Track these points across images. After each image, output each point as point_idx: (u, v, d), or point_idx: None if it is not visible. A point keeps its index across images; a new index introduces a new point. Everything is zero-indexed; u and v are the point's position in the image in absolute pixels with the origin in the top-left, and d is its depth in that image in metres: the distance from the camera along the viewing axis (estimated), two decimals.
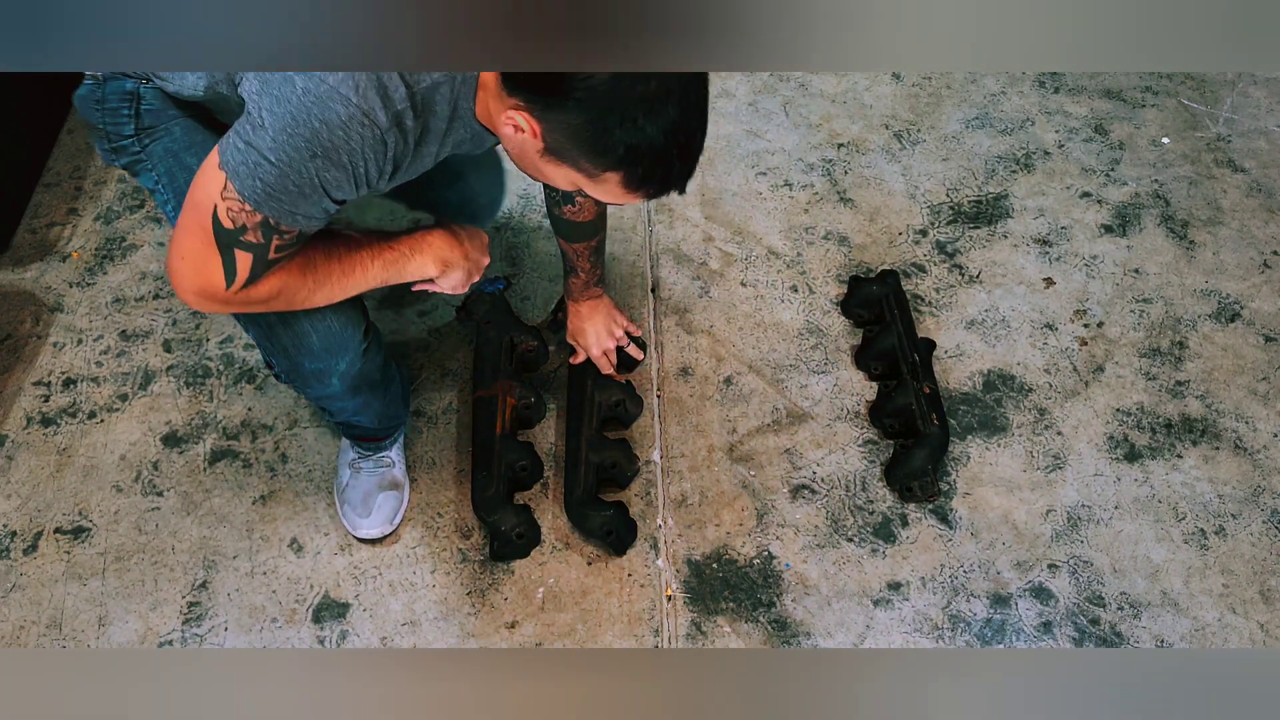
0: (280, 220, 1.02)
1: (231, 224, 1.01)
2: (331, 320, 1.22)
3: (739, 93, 2.35)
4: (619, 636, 1.47)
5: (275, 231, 1.03)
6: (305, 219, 1.04)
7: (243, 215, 1.01)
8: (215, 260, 1.03)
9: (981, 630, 1.48)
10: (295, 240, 1.06)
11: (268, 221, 1.02)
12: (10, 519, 1.59)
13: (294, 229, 1.04)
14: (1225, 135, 2.25)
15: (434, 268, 1.24)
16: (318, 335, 1.22)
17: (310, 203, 1.02)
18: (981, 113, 2.31)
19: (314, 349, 1.23)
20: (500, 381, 1.67)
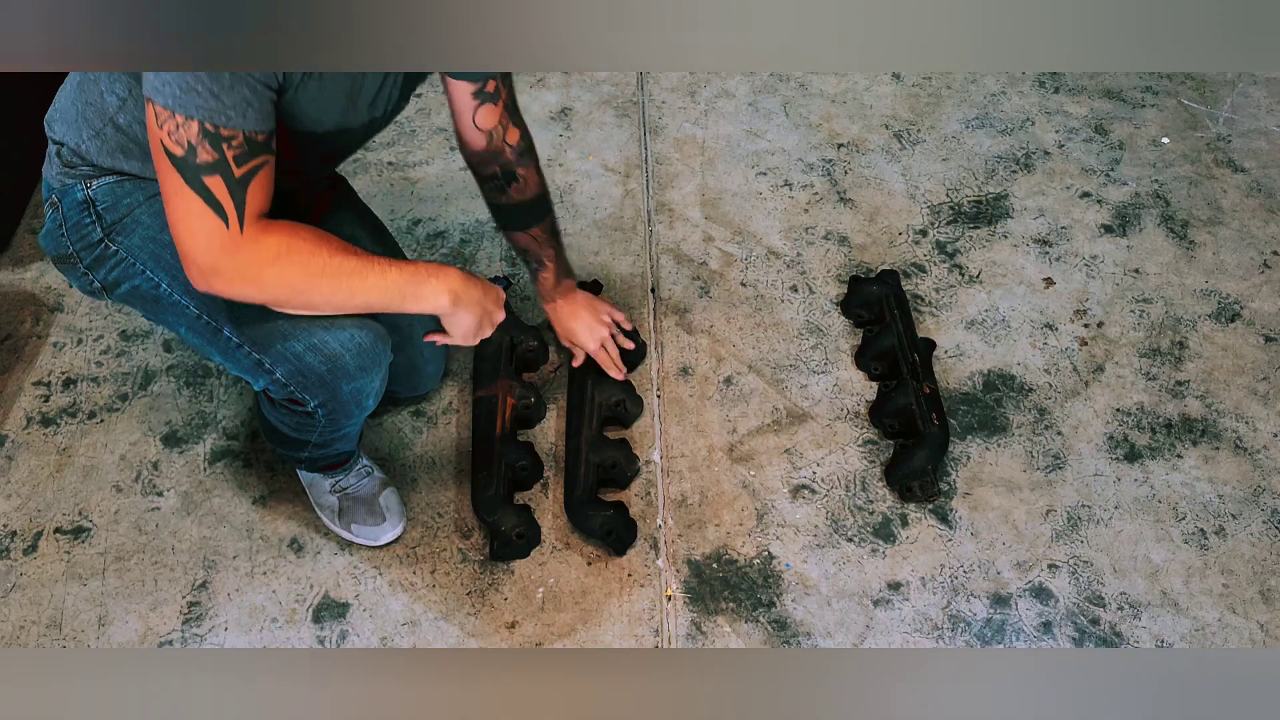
0: (216, 121, 0.98)
1: (180, 148, 0.98)
2: (361, 338, 1.20)
3: (739, 93, 2.35)
4: (619, 636, 1.47)
5: (220, 139, 0.99)
6: (238, 113, 0.99)
7: (181, 132, 0.98)
8: (197, 203, 1.00)
9: (981, 630, 1.48)
10: (249, 148, 1.01)
11: (205, 128, 0.98)
12: (10, 519, 1.59)
13: (235, 130, 0.99)
14: (1225, 135, 2.25)
15: (446, 298, 1.18)
16: (350, 355, 1.20)
17: (228, 88, 0.97)
18: (981, 113, 2.31)
19: (349, 369, 1.21)
20: (500, 381, 1.67)
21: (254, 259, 1.04)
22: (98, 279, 1.26)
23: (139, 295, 1.25)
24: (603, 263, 1.97)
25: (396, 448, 1.68)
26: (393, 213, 2.06)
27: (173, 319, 1.25)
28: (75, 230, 1.23)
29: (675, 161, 2.19)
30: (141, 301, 1.26)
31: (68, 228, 1.24)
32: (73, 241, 1.24)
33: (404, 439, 1.69)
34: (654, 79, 2.39)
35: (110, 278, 1.25)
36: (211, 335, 1.22)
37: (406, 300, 1.15)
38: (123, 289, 1.26)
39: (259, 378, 1.23)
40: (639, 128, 2.27)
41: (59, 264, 1.30)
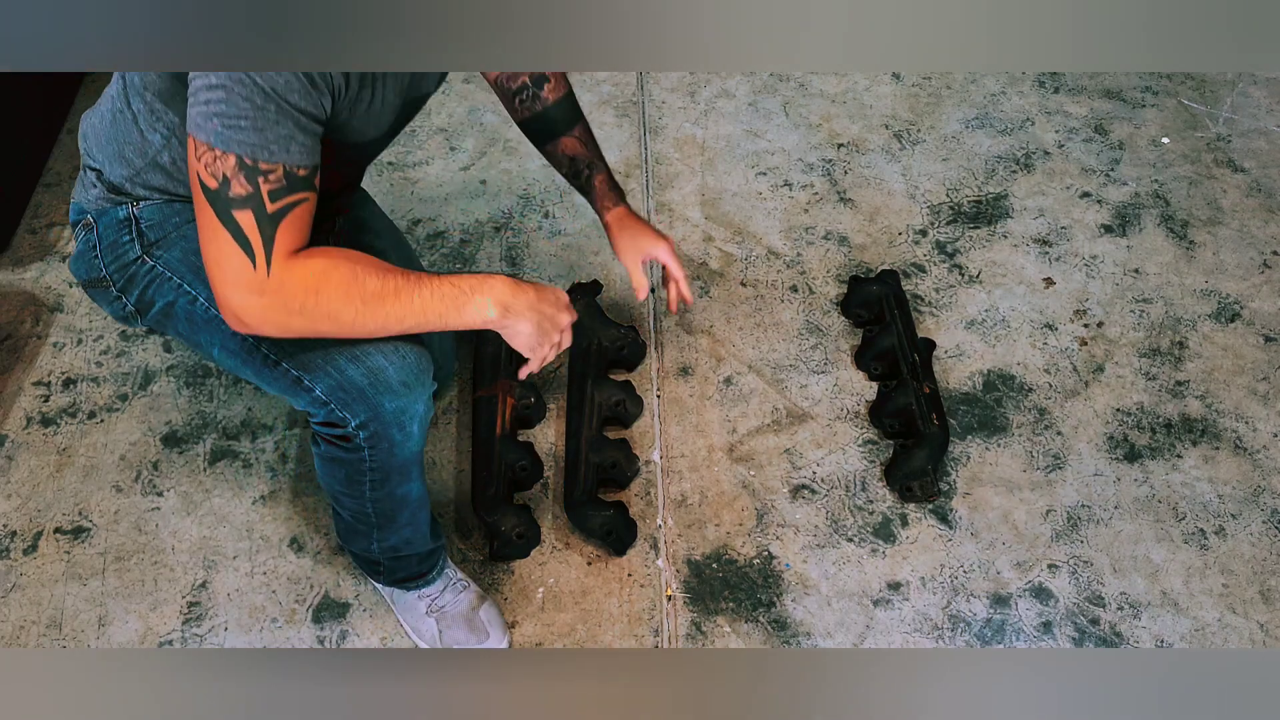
0: (255, 156, 0.95)
1: (214, 180, 0.96)
2: (406, 351, 1.14)
3: (739, 93, 2.35)
4: (619, 636, 1.47)
5: (258, 173, 0.96)
6: (280, 147, 0.96)
7: (217, 164, 0.95)
8: (226, 238, 0.97)
9: (981, 630, 1.48)
10: (287, 183, 0.98)
11: (242, 161, 0.95)
12: (10, 519, 1.59)
13: (274, 164, 0.97)
14: (1225, 135, 2.25)
15: (495, 310, 1.12)
16: (394, 368, 1.13)
17: (274, 122, 0.95)
18: (981, 113, 2.31)
19: (392, 384, 1.13)
20: (500, 381, 1.67)
21: (279, 302, 1.00)
22: (131, 301, 1.23)
23: (173, 315, 1.21)
24: (603, 262, 1.97)
25: None
26: (392, 213, 2.06)
27: (207, 337, 1.20)
28: (111, 250, 1.21)
29: (675, 161, 2.19)
30: (175, 322, 1.22)
31: (103, 248, 1.21)
32: (107, 263, 1.22)
33: None
34: (654, 79, 2.39)
35: (146, 298, 1.22)
36: (248, 353, 1.17)
37: (452, 317, 1.10)
38: (157, 308, 1.22)
39: (299, 395, 1.16)
40: (639, 128, 2.27)
41: (89, 289, 1.26)
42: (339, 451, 1.21)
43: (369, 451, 1.19)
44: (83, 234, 1.24)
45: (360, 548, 1.38)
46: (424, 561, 1.40)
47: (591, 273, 1.95)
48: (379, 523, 1.31)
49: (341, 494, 1.28)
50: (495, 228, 2.03)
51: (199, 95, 0.95)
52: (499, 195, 2.12)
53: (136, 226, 1.20)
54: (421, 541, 1.37)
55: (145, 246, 1.20)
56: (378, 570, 1.40)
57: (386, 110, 1.14)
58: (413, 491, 1.29)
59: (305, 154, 0.99)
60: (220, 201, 0.97)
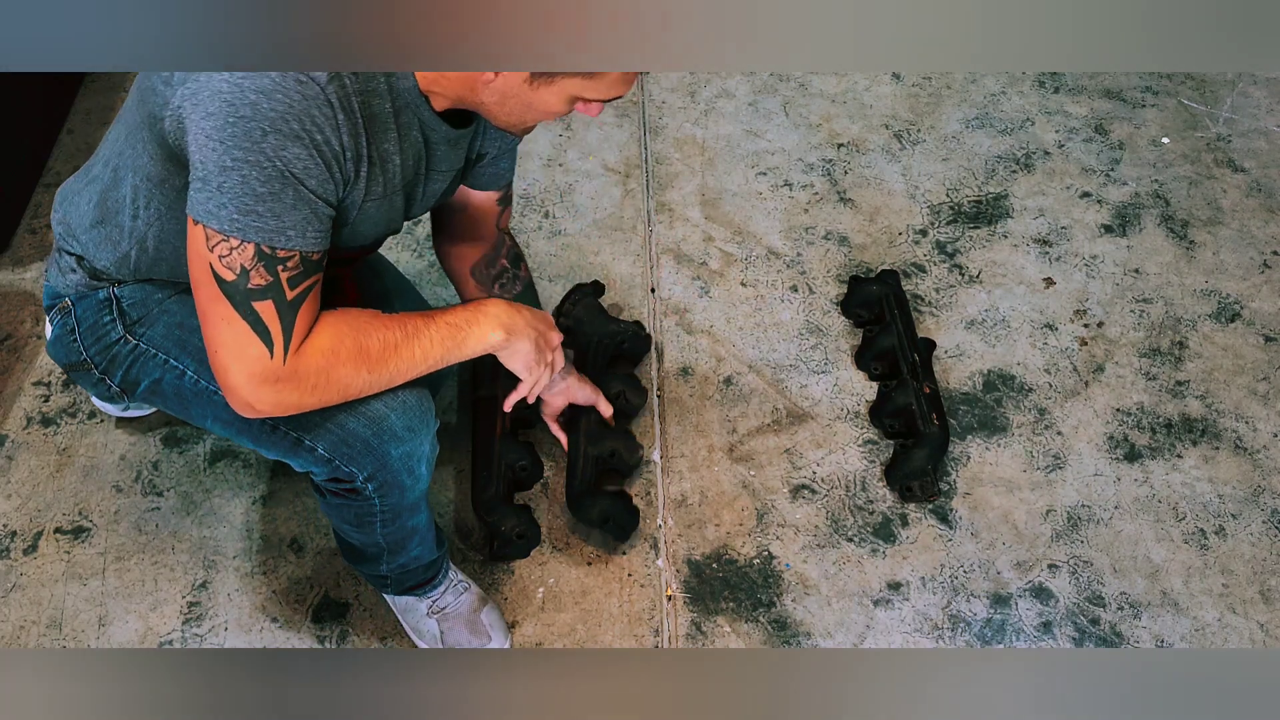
0: (273, 243, 0.94)
1: (231, 272, 0.94)
2: (405, 396, 1.13)
3: (739, 93, 2.35)
4: (619, 636, 1.47)
5: (276, 261, 0.94)
6: (297, 232, 0.95)
7: (235, 255, 0.93)
8: (243, 328, 0.95)
9: (981, 630, 1.48)
10: (304, 269, 0.97)
11: (261, 250, 0.93)
12: (10, 519, 1.59)
13: (292, 250, 0.95)
14: (1225, 135, 2.25)
15: (499, 333, 1.13)
16: (396, 415, 1.12)
17: (291, 207, 0.93)
18: (981, 113, 2.31)
19: (397, 430, 1.12)
20: (500, 381, 1.67)
21: (293, 387, 0.99)
22: (115, 382, 1.20)
23: (161, 392, 1.19)
24: (603, 263, 1.97)
25: None
26: None
27: (199, 410, 1.18)
28: (91, 333, 1.18)
29: (675, 161, 2.19)
30: (165, 398, 1.20)
31: (82, 331, 1.19)
32: (87, 345, 1.19)
33: None
34: (654, 79, 2.39)
35: (130, 377, 1.19)
36: (244, 422, 1.13)
37: (455, 354, 1.11)
38: (143, 387, 1.19)
39: (299, 456, 1.14)
40: (639, 128, 2.27)
41: (70, 372, 1.23)
42: (346, 500, 1.20)
43: (379, 500, 1.18)
44: (59, 318, 1.21)
45: (369, 570, 1.38)
46: (429, 569, 1.39)
47: (591, 273, 1.95)
48: (390, 548, 1.30)
49: (351, 529, 1.28)
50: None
51: (209, 180, 0.91)
52: None
53: (118, 306, 1.17)
54: (429, 553, 1.37)
55: (127, 325, 1.17)
56: (384, 583, 1.40)
57: (391, 215, 1.13)
58: (423, 521, 1.30)
59: (320, 239, 0.98)
60: (239, 294, 0.94)
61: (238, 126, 0.89)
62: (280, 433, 1.12)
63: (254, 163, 0.90)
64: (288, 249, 0.95)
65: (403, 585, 1.40)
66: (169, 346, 1.17)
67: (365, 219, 1.08)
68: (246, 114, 0.88)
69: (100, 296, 1.18)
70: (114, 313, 1.17)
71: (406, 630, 1.45)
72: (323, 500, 1.24)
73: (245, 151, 0.89)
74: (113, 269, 1.17)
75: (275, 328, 0.96)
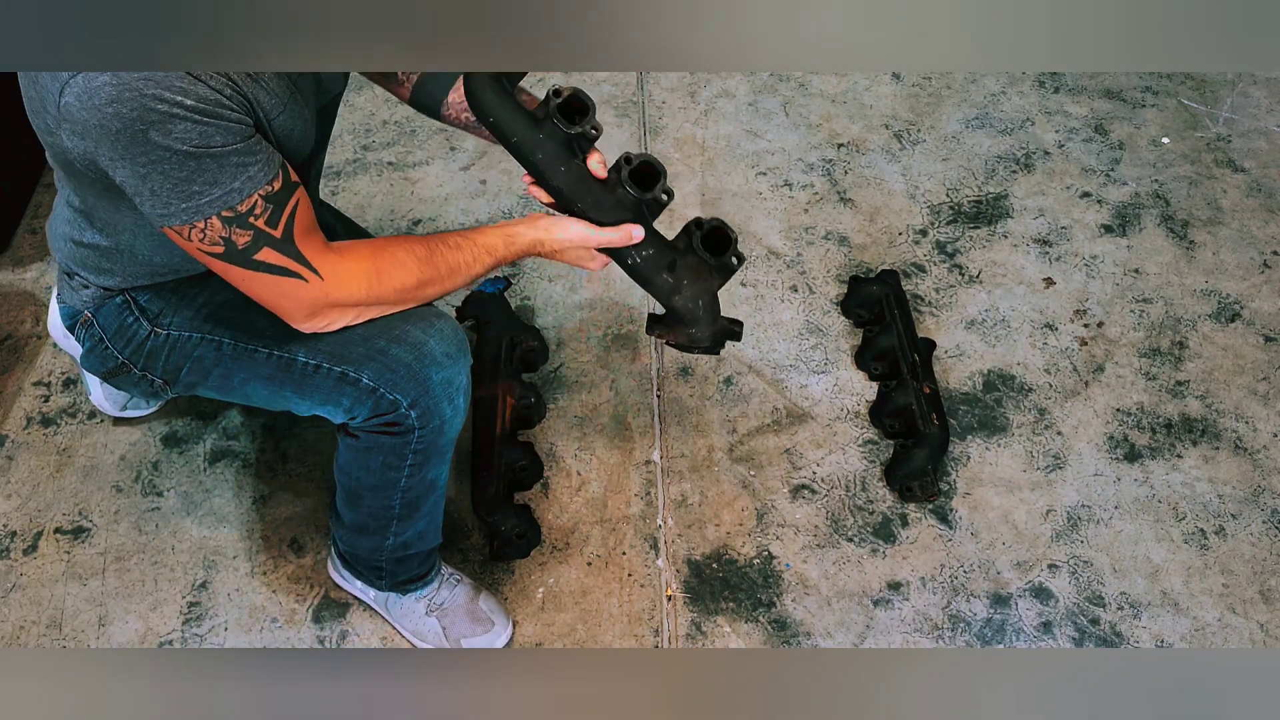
0: (228, 205, 0.97)
1: (218, 246, 0.99)
2: (442, 325, 1.18)
3: (739, 93, 2.35)
4: (619, 636, 1.47)
5: (243, 217, 0.98)
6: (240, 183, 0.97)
7: (209, 234, 0.98)
8: (268, 280, 1.02)
9: (981, 630, 1.48)
10: (272, 203, 0.99)
11: (224, 217, 0.97)
12: (10, 519, 1.59)
13: (249, 198, 0.98)
14: (1225, 135, 2.25)
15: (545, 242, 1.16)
16: (435, 341, 1.16)
17: (214, 169, 0.95)
18: (981, 113, 2.31)
19: (436, 355, 1.16)
20: (500, 381, 1.67)
21: (350, 289, 1.06)
22: (157, 375, 1.23)
23: (203, 368, 1.22)
24: None
25: None
26: (393, 213, 2.06)
27: (243, 375, 1.21)
28: (120, 336, 1.22)
29: (675, 161, 2.19)
30: (208, 375, 1.23)
31: (110, 337, 1.22)
32: (119, 348, 1.22)
33: None
34: (654, 79, 2.39)
35: (171, 366, 1.22)
36: (286, 372, 1.18)
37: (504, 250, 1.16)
38: (185, 371, 1.22)
39: (343, 394, 1.17)
40: (639, 128, 2.27)
41: (110, 379, 1.27)
42: (383, 438, 1.21)
43: (419, 432, 1.20)
44: (84, 331, 1.24)
45: (369, 548, 1.36)
46: (425, 561, 1.39)
47: (591, 273, 1.95)
48: (402, 514, 1.30)
49: (368, 487, 1.27)
50: None
51: (140, 192, 0.95)
52: (499, 195, 2.12)
53: (136, 305, 1.21)
54: (434, 535, 1.37)
55: (152, 320, 1.21)
56: (379, 575, 1.39)
57: (309, 122, 1.11)
58: (442, 476, 1.31)
59: (265, 168, 0.99)
60: (238, 258, 1.00)
61: (119, 140, 0.91)
62: (324, 371, 1.16)
63: (157, 160, 0.92)
64: (244, 202, 0.97)
65: (397, 577, 1.39)
66: (199, 324, 1.20)
67: (285, 134, 1.06)
68: (116, 126, 0.90)
69: (118, 302, 1.21)
70: (135, 312, 1.21)
71: (407, 637, 1.45)
72: (353, 445, 1.24)
73: (143, 155, 0.91)
74: (122, 282, 1.21)
75: (290, 262, 1.01)
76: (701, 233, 1.19)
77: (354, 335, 1.14)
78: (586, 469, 1.66)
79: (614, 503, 1.61)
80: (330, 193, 2.09)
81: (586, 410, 1.73)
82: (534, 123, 1.11)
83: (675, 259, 1.19)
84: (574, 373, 1.79)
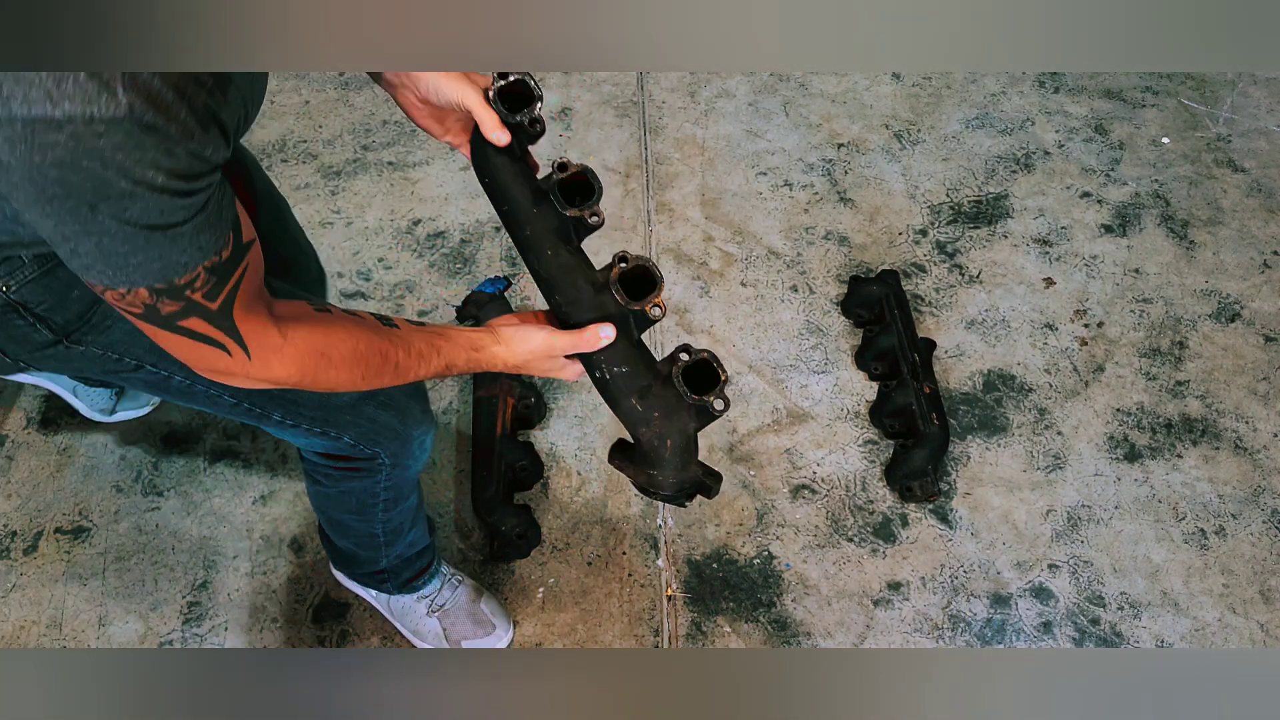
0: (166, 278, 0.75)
1: (138, 308, 0.77)
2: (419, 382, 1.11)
3: (739, 93, 2.35)
4: (619, 636, 1.47)
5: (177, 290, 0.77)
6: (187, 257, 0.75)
7: (131, 298, 0.76)
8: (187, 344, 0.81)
9: (981, 630, 1.48)
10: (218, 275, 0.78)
11: (155, 289, 0.76)
12: (10, 519, 1.59)
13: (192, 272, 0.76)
14: (1225, 135, 2.25)
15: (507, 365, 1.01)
16: (415, 401, 1.14)
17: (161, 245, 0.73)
18: (981, 113, 2.31)
19: (417, 414, 1.15)
20: (500, 381, 1.67)
21: (277, 374, 0.86)
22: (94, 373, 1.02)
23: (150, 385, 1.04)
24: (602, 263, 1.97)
25: None
26: (393, 213, 2.06)
27: (203, 405, 1.07)
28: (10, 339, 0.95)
29: (675, 161, 2.19)
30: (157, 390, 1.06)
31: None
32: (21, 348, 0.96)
33: None
34: (654, 79, 2.39)
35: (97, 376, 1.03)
36: (260, 418, 1.08)
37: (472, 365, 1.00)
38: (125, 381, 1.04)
39: (320, 440, 1.12)
40: (639, 128, 2.27)
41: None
42: (353, 481, 1.19)
43: (387, 473, 1.18)
44: None
45: (367, 565, 1.37)
46: (424, 555, 1.40)
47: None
48: (388, 540, 1.31)
49: (350, 522, 1.27)
50: (495, 227, 2.03)
51: (57, 246, 0.73)
52: None
53: (28, 313, 0.92)
54: (422, 536, 1.37)
55: (57, 330, 0.95)
56: (382, 580, 1.40)
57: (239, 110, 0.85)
58: (415, 500, 1.30)
59: (217, 233, 0.77)
60: (159, 321, 0.79)
61: (54, 203, 0.69)
62: (303, 429, 1.10)
63: (96, 231, 0.71)
64: (184, 276, 0.76)
65: (402, 577, 1.39)
66: (141, 353, 1.00)
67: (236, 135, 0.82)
68: (56, 192, 0.68)
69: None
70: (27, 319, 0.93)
71: (406, 635, 1.45)
72: (321, 490, 1.22)
73: (80, 225, 0.70)
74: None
75: (217, 335, 0.82)
76: (686, 363, 1.00)
77: (339, 401, 1.07)
78: (586, 469, 1.66)
79: (614, 503, 1.61)
80: (330, 193, 2.09)
81: (586, 410, 1.73)
82: (533, 195, 0.99)
83: (651, 385, 1.02)
84: None
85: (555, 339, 1.00)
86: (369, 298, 1.90)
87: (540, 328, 1.01)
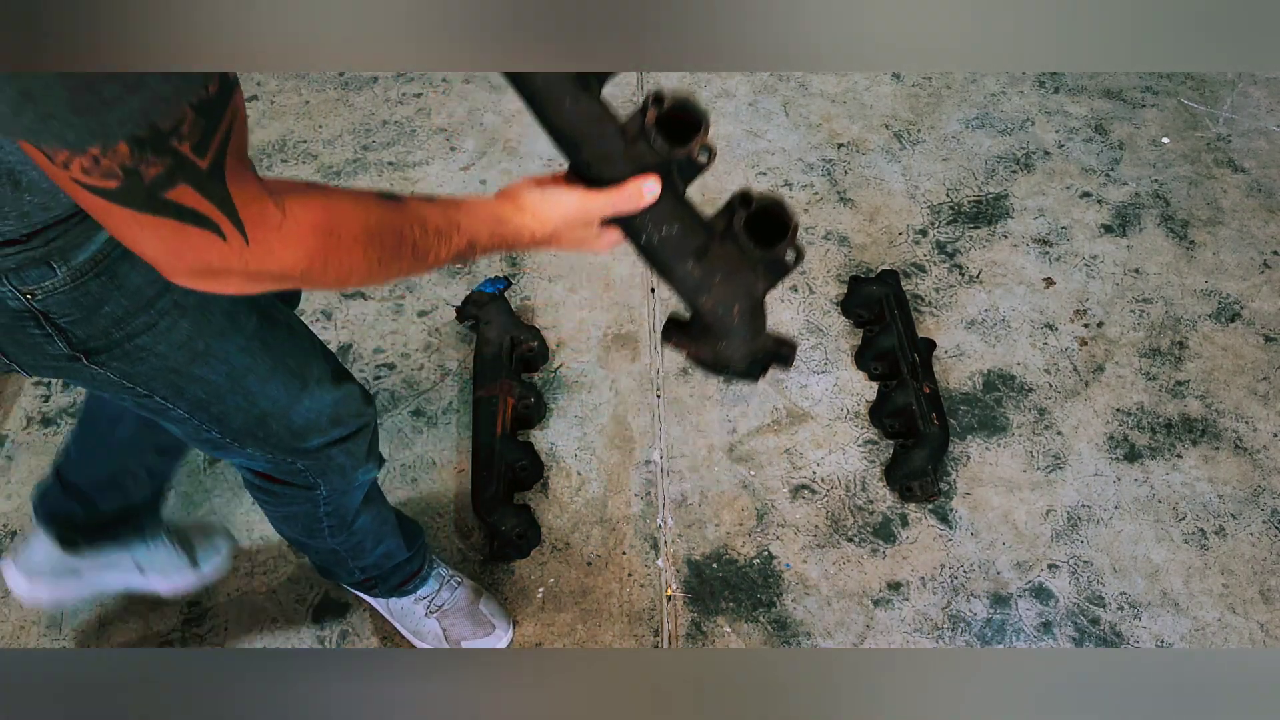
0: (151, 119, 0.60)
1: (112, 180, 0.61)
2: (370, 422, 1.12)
3: (739, 93, 2.35)
4: (619, 636, 1.47)
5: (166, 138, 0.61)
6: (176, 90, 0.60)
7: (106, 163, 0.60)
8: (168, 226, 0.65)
9: (981, 630, 1.48)
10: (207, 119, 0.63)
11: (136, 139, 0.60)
12: (10, 519, 1.59)
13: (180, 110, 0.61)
14: (1225, 135, 2.25)
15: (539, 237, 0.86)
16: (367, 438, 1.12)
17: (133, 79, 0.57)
18: (981, 113, 2.31)
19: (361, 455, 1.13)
20: (500, 381, 1.67)
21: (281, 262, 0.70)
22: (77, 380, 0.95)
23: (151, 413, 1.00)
24: (603, 263, 1.97)
25: (397, 447, 1.68)
26: None
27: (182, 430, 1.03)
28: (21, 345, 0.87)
29: None
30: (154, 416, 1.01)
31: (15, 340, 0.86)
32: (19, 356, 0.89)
33: (404, 439, 1.69)
34: (654, 79, 2.39)
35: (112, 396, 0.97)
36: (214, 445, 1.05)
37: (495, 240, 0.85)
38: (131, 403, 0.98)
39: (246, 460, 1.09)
40: None
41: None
42: (293, 506, 1.17)
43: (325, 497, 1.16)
44: None
45: (345, 578, 1.37)
46: (407, 564, 1.39)
47: (591, 273, 1.95)
48: (351, 554, 1.30)
49: (305, 542, 1.27)
50: None
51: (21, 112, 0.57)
52: None
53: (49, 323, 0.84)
54: (400, 551, 1.36)
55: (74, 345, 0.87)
56: (370, 586, 1.39)
57: None
58: (368, 521, 1.27)
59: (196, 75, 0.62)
60: (139, 196, 0.63)
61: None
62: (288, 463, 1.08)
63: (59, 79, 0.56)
64: (170, 118, 0.61)
65: (390, 583, 1.39)
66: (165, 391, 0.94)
67: None
68: None
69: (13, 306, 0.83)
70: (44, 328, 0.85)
71: (406, 635, 1.45)
72: (272, 513, 1.21)
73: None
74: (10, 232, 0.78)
75: (210, 209, 0.66)
76: (749, 212, 0.83)
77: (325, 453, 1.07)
78: (586, 469, 1.66)
79: (614, 503, 1.61)
80: None
81: (586, 410, 1.73)
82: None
83: (708, 243, 0.86)
84: (574, 373, 1.79)
85: (590, 200, 0.84)
86: (369, 297, 1.91)
87: (570, 189, 0.85)
